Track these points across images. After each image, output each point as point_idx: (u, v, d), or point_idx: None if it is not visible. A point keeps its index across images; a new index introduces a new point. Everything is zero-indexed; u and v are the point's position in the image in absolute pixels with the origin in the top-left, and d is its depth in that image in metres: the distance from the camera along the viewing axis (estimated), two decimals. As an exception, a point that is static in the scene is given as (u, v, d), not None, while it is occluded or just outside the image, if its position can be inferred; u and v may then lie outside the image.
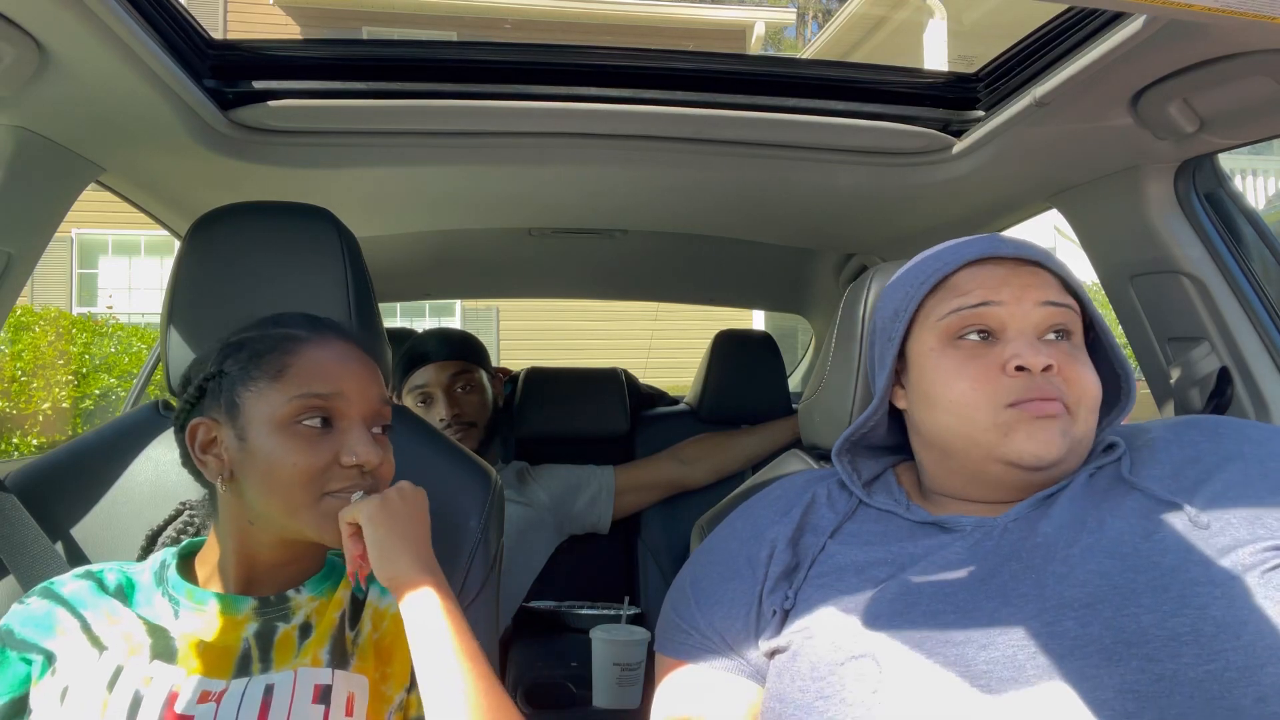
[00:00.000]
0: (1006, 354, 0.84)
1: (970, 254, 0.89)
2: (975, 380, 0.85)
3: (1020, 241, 0.90)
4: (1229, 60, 0.98)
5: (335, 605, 0.92)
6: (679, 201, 1.67)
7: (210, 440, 0.88)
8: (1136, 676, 0.69)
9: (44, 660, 0.84)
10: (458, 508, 1.12)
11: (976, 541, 0.83)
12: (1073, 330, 0.87)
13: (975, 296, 0.87)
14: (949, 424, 0.87)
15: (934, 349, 0.89)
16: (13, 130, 1.11)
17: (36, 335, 6.37)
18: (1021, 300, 0.86)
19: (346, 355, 0.90)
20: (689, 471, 2.05)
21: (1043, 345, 0.85)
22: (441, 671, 0.81)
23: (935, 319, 0.89)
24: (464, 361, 1.94)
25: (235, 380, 0.87)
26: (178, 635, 0.87)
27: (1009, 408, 0.83)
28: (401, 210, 1.73)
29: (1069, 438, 0.83)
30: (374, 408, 0.90)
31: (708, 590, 0.91)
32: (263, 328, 0.91)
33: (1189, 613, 0.71)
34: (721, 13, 11.70)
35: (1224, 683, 0.68)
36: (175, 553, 0.94)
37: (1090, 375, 0.86)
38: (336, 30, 10.49)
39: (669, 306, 3.27)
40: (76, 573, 0.91)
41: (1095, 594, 0.74)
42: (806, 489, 0.95)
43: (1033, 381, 0.83)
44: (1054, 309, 0.86)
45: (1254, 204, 7.62)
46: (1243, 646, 0.69)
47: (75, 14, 0.89)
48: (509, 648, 1.86)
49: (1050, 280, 0.88)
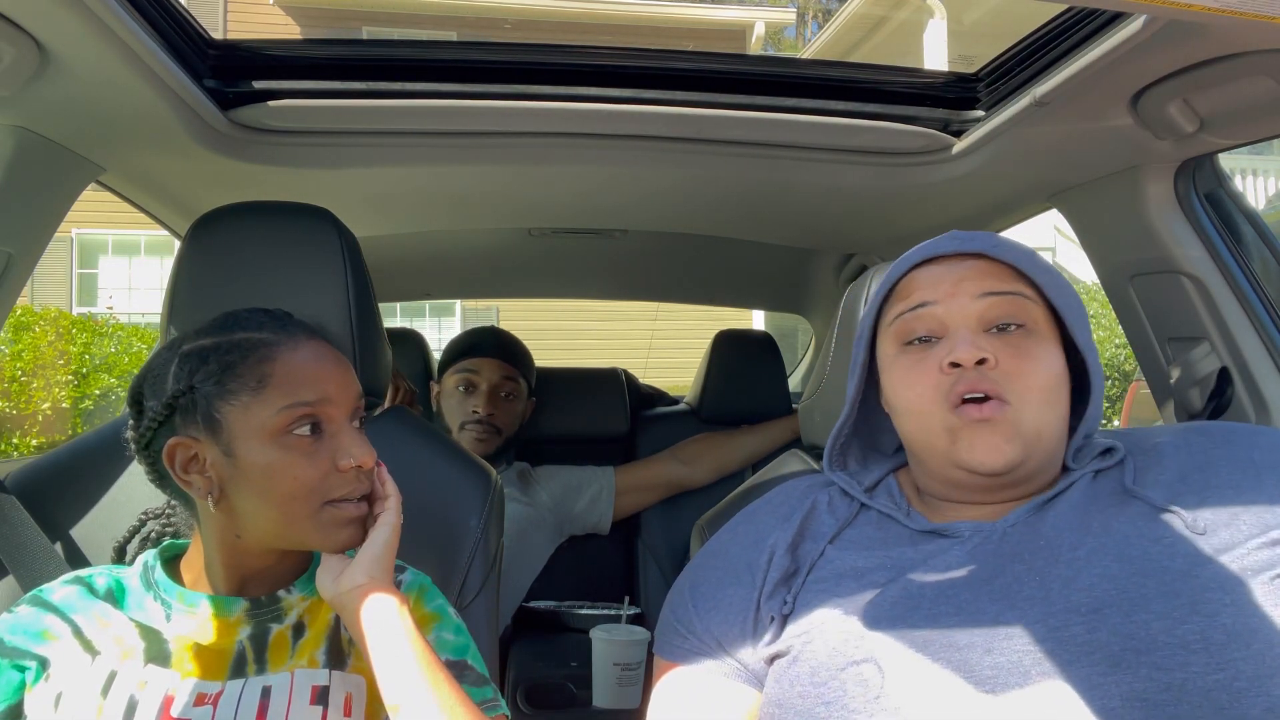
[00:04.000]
0: (943, 353, 0.83)
1: (916, 258, 0.89)
2: (921, 384, 0.84)
3: (974, 235, 0.88)
4: (1229, 60, 0.98)
5: (328, 605, 0.91)
6: (679, 201, 1.67)
7: (191, 458, 0.84)
8: (1145, 684, 0.68)
9: (38, 666, 0.84)
10: (458, 508, 1.12)
11: (977, 545, 0.82)
12: (1026, 320, 0.84)
13: (914, 299, 0.87)
14: (910, 429, 0.88)
15: (891, 355, 0.89)
16: (13, 130, 1.11)
17: (36, 335, 6.37)
18: (958, 295, 0.85)
19: (322, 355, 0.87)
20: (690, 471, 2.06)
21: (983, 338, 0.83)
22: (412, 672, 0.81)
23: (887, 325, 0.90)
24: (518, 371, 1.98)
25: (211, 395, 0.83)
26: (171, 638, 0.86)
27: (954, 411, 0.82)
28: (401, 210, 1.73)
29: (1020, 437, 0.81)
30: (355, 404, 0.88)
31: (706, 595, 0.91)
32: (219, 332, 0.87)
33: (1198, 620, 0.70)
34: (721, 13, 11.70)
35: (1233, 692, 0.67)
36: (157, 555, 0.92)
37: (1039, 365, 0.82)
38: (336, 30, 10.49)
39: (669, 306, 3.26)
40: (65, 579, 0.89)
41: (1102, 599, 0.73)
42: (808, 495, 0.95)
43: (965, 376, 0.81)
44: (996, 299, 0.84)
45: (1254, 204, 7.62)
46: (1253, 655, 0.69)
47: (75, 14, 0.89)
48: (509, 648, 1.86)
49: (997, 270, 0.85)
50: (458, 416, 1.94)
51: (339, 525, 0.85)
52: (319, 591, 0.86)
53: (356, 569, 0.84)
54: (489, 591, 1.11)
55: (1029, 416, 0.81)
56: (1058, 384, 0.83)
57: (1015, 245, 0.87)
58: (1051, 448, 0.84)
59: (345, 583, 0.84)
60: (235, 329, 0.87)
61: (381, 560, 0.85)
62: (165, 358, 0.87)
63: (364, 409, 0.90)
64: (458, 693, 0.81)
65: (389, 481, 0.89)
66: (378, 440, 0.90)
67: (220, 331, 0.87)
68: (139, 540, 0.99)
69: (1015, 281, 0.85)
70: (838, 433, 0.95)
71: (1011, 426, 0.81)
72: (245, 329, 0.87)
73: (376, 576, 0.84)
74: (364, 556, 0.85)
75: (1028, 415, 0.81)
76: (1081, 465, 0.86)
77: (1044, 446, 0.83)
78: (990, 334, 0.84)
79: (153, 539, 0.99)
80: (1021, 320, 0.84)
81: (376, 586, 0.83)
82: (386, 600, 0.83)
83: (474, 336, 2.04)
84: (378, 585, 0.84)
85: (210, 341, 0.86)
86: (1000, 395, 0.81)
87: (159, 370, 0.87)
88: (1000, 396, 0.81)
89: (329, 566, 0.86)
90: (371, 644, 0.81)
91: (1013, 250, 0.86)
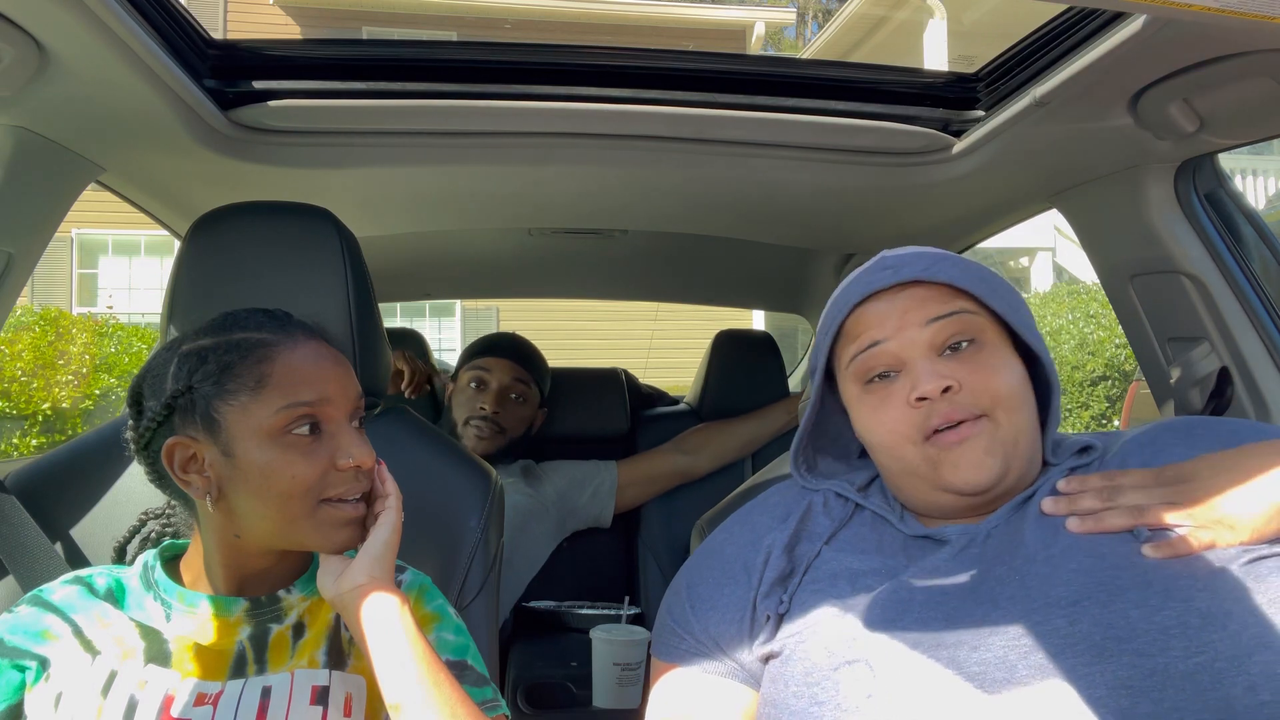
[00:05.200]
0: (907, 386, 0.85)
1: (854, 297, 0.89)
2: (892, 422, 0.86)
3: (902, 260, 0.88)
4: (1229, 60, 0.98)
5: (329, 605, 0.91)
6: (679, 201, 1.67)
7: (190, 458, 0.84)
8: (1129, 671, 0.70)
9: (38, 666, 0.84)
10: (458, 508, 1.12)
11: (963, 548, 0.84)
12: (975, 334, 0.86)
13: (865, 339, 0.87)
14: (888, 463, 0.89)
15: (855, 395, 0.90)
16: (13, 130, 1.11)
17: (36, 335, 6.37)
18: (905, 327, 0.86)
19: (321, 355, 0.87)
20: (692, 461, 2.08)
21: (942, 364, 0.84)
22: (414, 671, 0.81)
23: (844, 367, 0.91)
24: (526, 372, 2.01)
25: (210, 395, 0.83)
26: (171, 638, 0.86)
27: (928, 441, 0.84)
28: (402, 210, 1.73)
29: (1000, 447, 0.83)
30: (355, 404, 0.88)
31: (703, 595, 0.92)
32: (218, 333, 0.87)
33: (1174, 605, 0.72)
34: (721, 13, 11.71)
35: (1214, 673, 0.69)
36: (157, 555, 0.92)
37: (1000, 376, 0.84)
38: (336, 30, 10.49)
39: (669, 306, 3.27)
40: (65, 579, 0.89)
41: (1080, 591, 0.75)
42: (804, 495, 0.96)
43: (936, 407, 0.83)
44: (942, 323, 0.85)
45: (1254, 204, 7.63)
46: (1229, 636, 0.70)
47: (75, 14, 0.89)
48: (509, 648, 1.86)
49: (935, 293, 0.86)
50: (465, 412, 1.96)
51: (337, 526, 0.85)
52: (320, 591, 0.86)
53: (357, 568, 0.84)
54: (489, 592, 1.11)
55: (1004, 424, 0.83)
56: (1021, 387, 0.86)
57: (946, 261, 0.88)
58: (1029, 450, 0.86)
59: (346, 582, 0.84)
60: (234, 329, 0.87)
61: (382, 560, 0.85)
62: (164, 358, 0.87)
63: (364, 409, 0.90)
64: (458, 693, 0.81)
65: (389, 480, 0.89)
66: (377, 440, 0.90)
67: (219, 332, 0.87)
68: (139, 540, 0.99)
69: (955, 299, 0.86)
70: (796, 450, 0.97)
71: (988, 437, 0.83)
72: (244, 329, 0.87)
73: (377, 576, 0.84)
74: (364, 556, 0.85)
75: (1002, 423, 0.83)
76: (1060, 460, 0.88)
77: (1021, 451, 0.85)
78: (945, 357, 0.85)
79: (153, 539, 0.99)
80: (971, 335, 0.86)
81: (377, 586, 0.83)
82: (388, 599, 0.83)
83: (492, 338, 2.08)
84: (379, 585, 0.84)
85: (209, 342, 0.86)
86: (971, 415, 0.83)
87: (158, 370, 0.86)
88: (971, 416, 0.83)
89: (329, 566, 0.86)
90: (372, 643, 0.81)
91: (945, 268, 0.87)
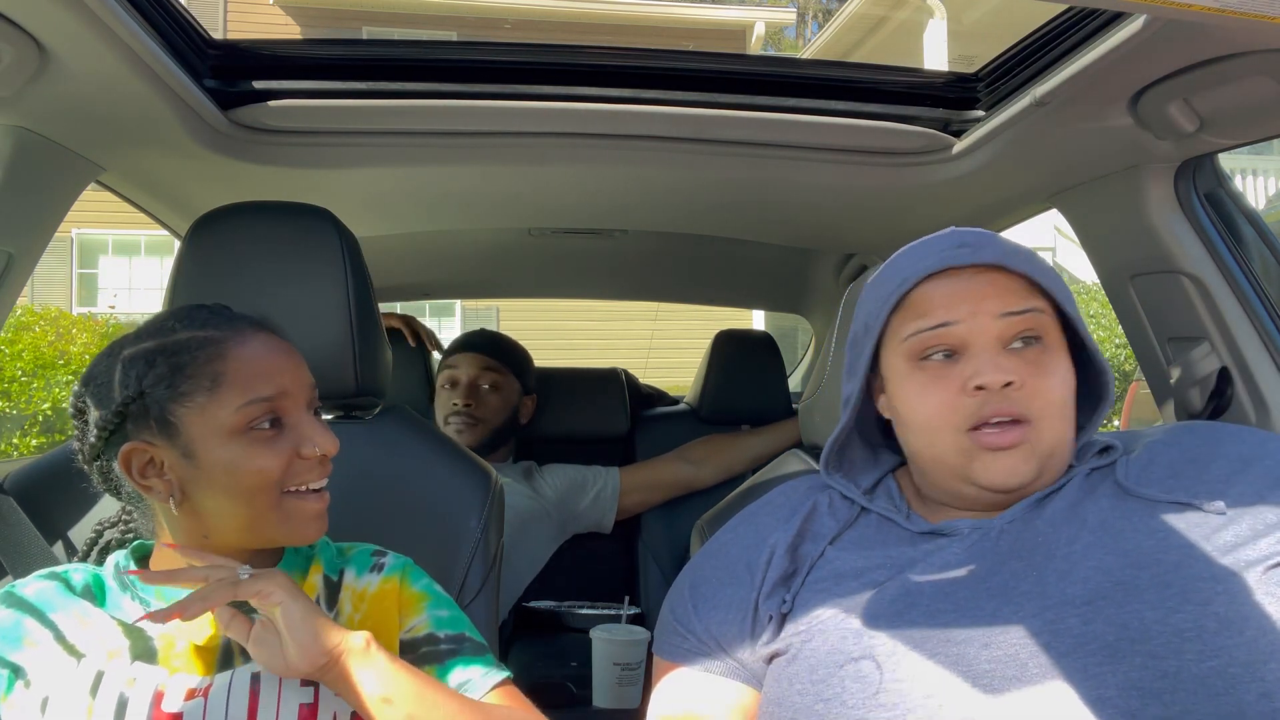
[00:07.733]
0: (967, 372, 0.83)
1: (926, 268, 0.86)
2: (939, 404, 0.84)
3: (980, 240, 0.87)
4: (1229, 60, 0.98)
5: (309, 590, 0.90)
6: (679, 201, 1.67)
7: (147, 463, 0.82)
8: (1140, 673, 0.69)
9: (9, 675, 0.81)
10: (458, 508, 1.12)
11: (975, 542, 0.83)
12: (1042, 333, 0.84)
13: (934, 317, 0.85)
14: (919, 445, 0.87)
15: (902, 370, 0.88)
16: (13, 130, 1.11)
17: (36, 335, 6.37)
18: (979, 314, 0.83)
19: (273, 348, 0.85)
20: (697, 472, 2.07)
21: (1005, 358, 0.83)
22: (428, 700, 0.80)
23: (900, 339, 0.87)
24: (495, 361, 2.05)
25: (164, 399, 0.80)
26: (156, 635, 0.85)
27: (970, 432, 0.82)
28: (401, 210, 1.73)
29: (1036, 456, 0.82)
30: (310, 394, 0.87)
31: (706, 595, 0.91)
32: (160, 334, 0.84)
33: (1191, 608, 0.71)
34: (721, 13, 11.71)
35: (1227, 679, 0.68)
36: (129, 555, 0.91)
37: (1057, 381, 0.83)
38: (336, 30, 10.49)
39: (669, 306, 3.26)
40: (40, 574, 0.87)
41: (1097, 590, 0.74)
42: (809, 496, 0.95)
43: (990, 400, 0.82)
44: (1014, 319, 0.83)
45: (1254, 204, 7.63)
46: (1245, 642, 0.69)
47: (75, 14, 0.89)
48: (509, 648, 1.86)
49: (1013, 285, 0.84)
50: (443, 411, 2.01)
51: (305, 520, 0.85)
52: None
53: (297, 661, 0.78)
54: (489, 592, 1.11)
55: (1047, 434, 0.82)
56: (1071, 396, 0.85)
57: (1026, 255, 0.86)
58: (1062, 459, 0.85)
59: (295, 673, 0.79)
60: (177, 329, 0.84)
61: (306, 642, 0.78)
62: (106, 365, 0.84)
63: (318, 399, 0.89)
64: (457, 702, 0.81)
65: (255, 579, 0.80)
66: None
67: (161, 333, 0.84)
68: (97, 553, 0.97)
69: (1031, 297, 0.84)
70: (838, 437, 0.95)
71: (1030, 447, 0.82)
72: (189, 328, 0.84)
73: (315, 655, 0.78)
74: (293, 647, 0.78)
75: (1046, 433, 0.82)
76: (1082, 460, 0.87)
77: (1055, 461, 0.84)
78: (1009, 351, 0.84)
79: (114, 548, 0.96)
80: (1038, 334, 0.84)
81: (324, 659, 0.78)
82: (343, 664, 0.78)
83: (461, 338, 2.13)
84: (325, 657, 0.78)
85: (153, 344, 0.83)
86: (1023, 416, 0.82)
87: (102, 378, 0.84)
88: (1023, 417, 0.82)
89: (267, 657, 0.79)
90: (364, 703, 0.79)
91: (1026, 261, 0.85)
